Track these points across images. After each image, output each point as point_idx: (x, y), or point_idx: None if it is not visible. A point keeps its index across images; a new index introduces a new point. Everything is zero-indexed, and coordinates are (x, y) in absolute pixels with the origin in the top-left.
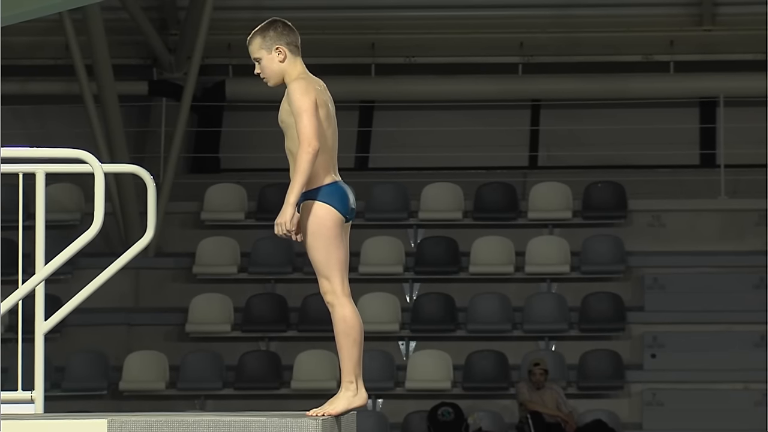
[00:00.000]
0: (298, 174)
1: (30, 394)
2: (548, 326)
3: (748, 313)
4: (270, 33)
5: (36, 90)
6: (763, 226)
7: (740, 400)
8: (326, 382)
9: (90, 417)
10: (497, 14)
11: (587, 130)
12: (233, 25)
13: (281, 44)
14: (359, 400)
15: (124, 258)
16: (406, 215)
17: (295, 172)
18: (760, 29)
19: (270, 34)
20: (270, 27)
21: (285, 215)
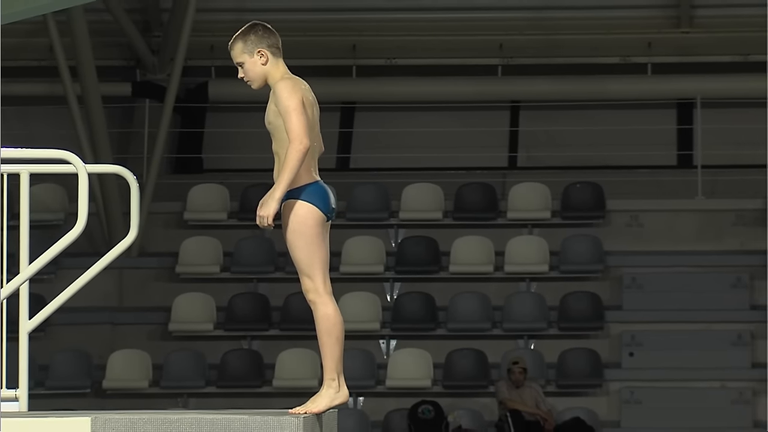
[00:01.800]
0: (287, 170)
1: (14, 392)
2: (527, 325)
3: (725, 312)
4: (251, 37)
5: (20, 91)
6: (741, 226)
7: (718, 398)
8: (308, 380)
9: (74, 415)
10: (477, 16)
11: (566, 131)
12: (216, 27)
13: (263, 47)
14: (341, 397)
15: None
16: (387, 215)
17: (284, 169)
18: (737, 31)
19: (251, 38)
20: (250, 31)
21: (269, 209)
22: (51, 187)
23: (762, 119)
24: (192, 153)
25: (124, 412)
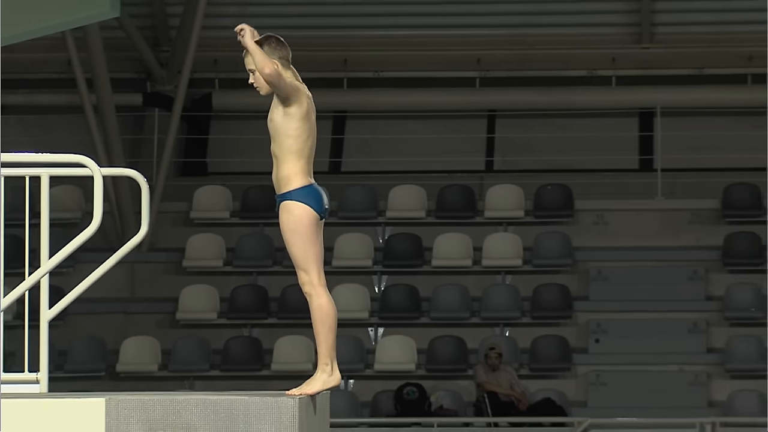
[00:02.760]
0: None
1: (35, 375)
2: (503, 314)
3: (682, 302)
4: (264, 47)
5: (41, 101)
6: (696, 224)
7: (675, 381)
8: (303, 364)
9: (90, 396)
10: (457, 33)
11: (538, 138)
12: (219, 42)
13: (274, 58)
14: (333, 380)
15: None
16: (375, 214)
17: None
18: (693, 47)
19: (264, 48)
20: (264, 42)
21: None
22: (69, 188)
23: (716, 127)
24: (197, 157)
25: (135, 394)
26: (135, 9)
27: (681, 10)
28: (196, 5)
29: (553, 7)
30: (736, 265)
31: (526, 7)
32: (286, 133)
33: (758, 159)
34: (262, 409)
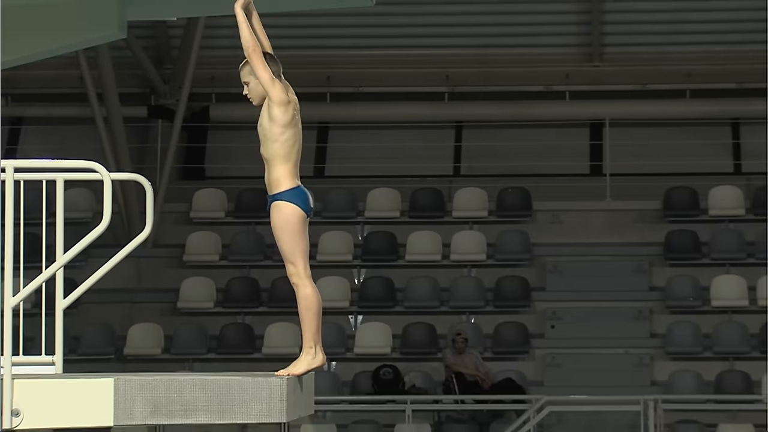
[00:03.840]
0: (244, 27)
1: (51, 358)
2: (469, 303)
3: (628, 292)
4: None
5: (57, 113)
6: (641, 222)
7: (622, 363)
8: (291, 348)
9: (100, 376)
10: (429, 53)
11: (500, 146)
12: (215, 61)
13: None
14: (317, 362)
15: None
16: (355, 214)
17: (244, 32)
18: (637, 65)
19: None
20: None
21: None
22: (81, 191)
23: (658, 136)
24: (196, 163)
25: (140, 374)
26: (140, 31)
27: (627, 32)
28: (195, 28)
29: (513, 29)
30: (676, 260)
31: (490, 30)
32: (271, 137)
33: (696, 165)
34: (254, 388)
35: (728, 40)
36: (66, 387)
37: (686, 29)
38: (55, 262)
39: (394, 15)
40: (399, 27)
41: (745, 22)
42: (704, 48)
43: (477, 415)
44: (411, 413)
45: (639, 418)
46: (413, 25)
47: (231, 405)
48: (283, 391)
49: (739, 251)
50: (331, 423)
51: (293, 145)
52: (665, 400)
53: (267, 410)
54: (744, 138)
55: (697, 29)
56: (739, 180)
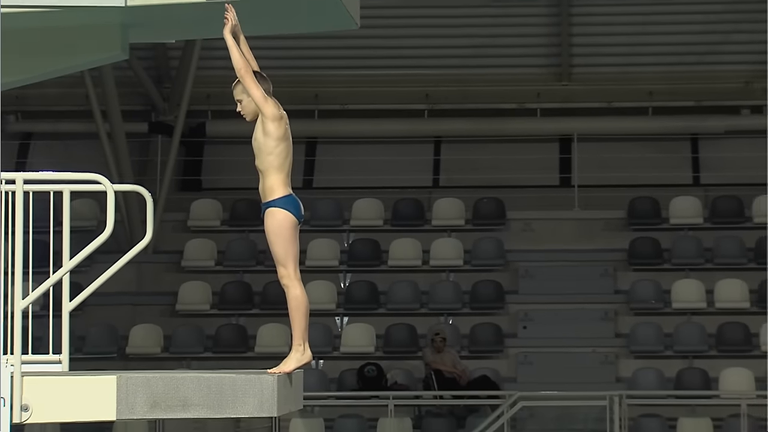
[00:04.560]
0: (235, 50)
1: (58, 356)
2: (447, 305)
3: (595, 295)
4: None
5: (63, 129)
6: (607, 230)
7: (589, 361)
8: (281, 347)
9: (103, 374)
10: (410, 73)
11: (476, 159)
12: (211, 80)
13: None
14: (306, 359)
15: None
16: (341, 223)
17: (234, 55)
18: (603, 84)
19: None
20: None
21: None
22: (86, 201)
23: (622, 150)
24: (193, 176)
25: (141, 372)
26: (141, 52)
27: (593, 54)
28: (192, 49)
29: (488, 51)
30: (639, 265)
31: (466, 51)
32: (266, 150)
33: (657, 177)
34: (247, 385)
35: (686, 61)
36: (72, 384)
37: (648, 51)
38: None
39: (378, 38)
40: (382, 49)
41: (702, 45)
42: (664, 68)
43: (454, 409)
44: (393, 408)
45: (605, 412)
46: (395, 47)
47: (226, 400)
48: (274, 387)
49: (697, 257)
50: (318, 417)
51: (286, 157)
52: (629, 395)
53: (259, 405)
54: (702, 152)
55: (657, 51)
56: (697, 191)
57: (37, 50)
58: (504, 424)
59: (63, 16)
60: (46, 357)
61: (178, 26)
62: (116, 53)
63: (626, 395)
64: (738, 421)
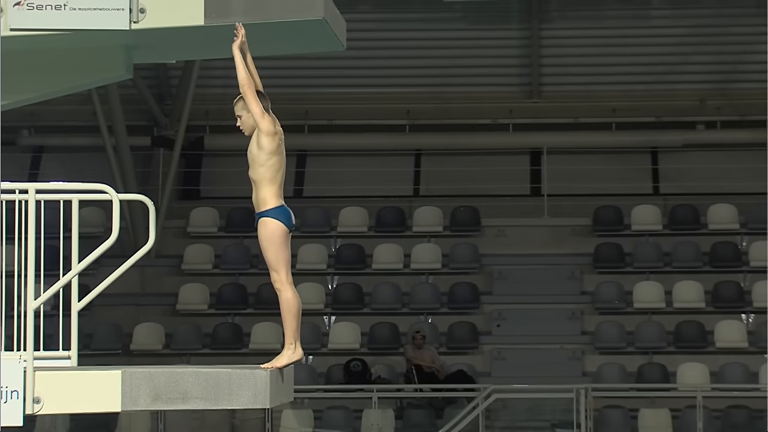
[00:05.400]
0: (241, 66)
1: (68, 353)
2: (426, 306)
3: (563, 296)
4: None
5: (73, 143)
6: (574, 236)
7: (558, 357)
8: (274, 344)
9: (109, 369)
10: (392, 91)
11: (453, 171)
12: (209, 97)
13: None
14: (297, 356)
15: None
16: (329, 229)
17: (239, 66)
18: (570, 102)
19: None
20: None
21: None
22: (94, 209)
23: (588, 163)
24: (193, 186)
25: (144, 367)
26: (144, 72)
27: (561, 74)
28: (192, 69)
29: (465, 71)
30: (604, 268)
31: (444, 71)
32: (259, 162)
33: (620, 187)
34: (242, 379)
35: (647, 80)
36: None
37: (611, 71)
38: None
39: (363, 58)
40: (366, 69)
41: (661, 65)
42: (627, 87)
43: (433, 401)
44: (377, 400)
45: (572, 403)
46: (379, 67)
47: (222, 393)
48: (267, 381)
49: (657, 261)
50: (308, 409)
51: (278, 170)
52: (594, 388)
53: (253, 398)
54: (661, 164)
55: (620, 71)
56: (657, 200)
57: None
58: (479, 415)
59: (72, 38)
60: (56, 353)
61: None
62: (121, 73)
63: (591, 388)
64: (694, 411)
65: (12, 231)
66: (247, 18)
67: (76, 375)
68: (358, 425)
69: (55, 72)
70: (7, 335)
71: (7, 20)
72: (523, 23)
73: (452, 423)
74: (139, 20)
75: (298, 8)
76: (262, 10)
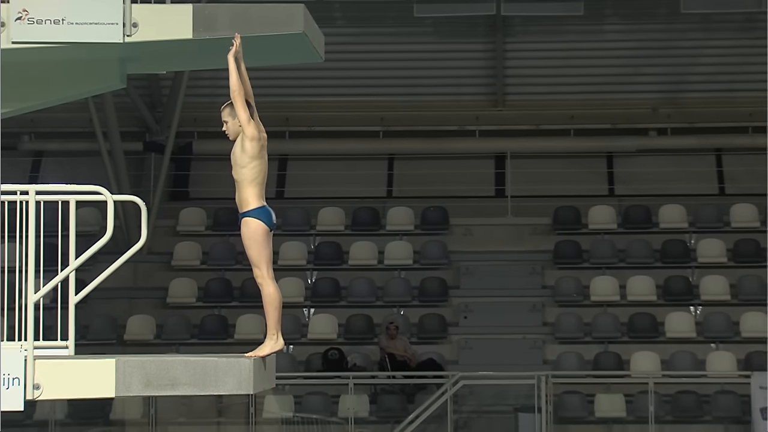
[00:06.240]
0: (234, 73)
1: (66, 343)
2: (399, 299)
3: (525, 290)
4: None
5: (71, 148)
6: (535, 234)
7: (520, 346)
8: (257, 335)
9: (104, 358)
10: (368, 99)
11: (424, 174)
12: (197, 106)
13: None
14: (278, 345)
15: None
16: (308, 228)
17: (231, 70)
18: (532, 110)
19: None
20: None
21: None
22: (90, 209)
23: (549, 166)
24: (182, 187)
25: (137, 356)
26: (137, 82)
27: (524, 84)
28: (181, 79)
29: (434, 81)
30: (563, 264)
31: (416, 81)
32: (241, 164)
33: (578, 189)
34: (228, 367)
35: (603, 90)
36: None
37: (570, 81)
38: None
39: (340, 69)
40: (344, 79)
41: (616, 76)
42: (584, 96)
43: (405, 387)
44: (353, 386)
45: (533, 389)
46: (355, 77)
47: (209, 380)
48: (250, 369)
49: (612, 257)
50: (289, 394)
51: (259, 173)
52: (554, 375)
53: (238, 384)
54: (616, 168)
55: (578, 82)
56: (612, 201)
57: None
58: (447, 400)
59: (70, 51)
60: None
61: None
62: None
63: (551, 375)
64: (646, 396)
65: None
66: (232, 32)
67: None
68: (335, 409)
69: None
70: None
71: (9, 34)
72: (488, 37)
73: (422, 407)
74: (131, 34)
75: (279, 23)
76: (247, 24)
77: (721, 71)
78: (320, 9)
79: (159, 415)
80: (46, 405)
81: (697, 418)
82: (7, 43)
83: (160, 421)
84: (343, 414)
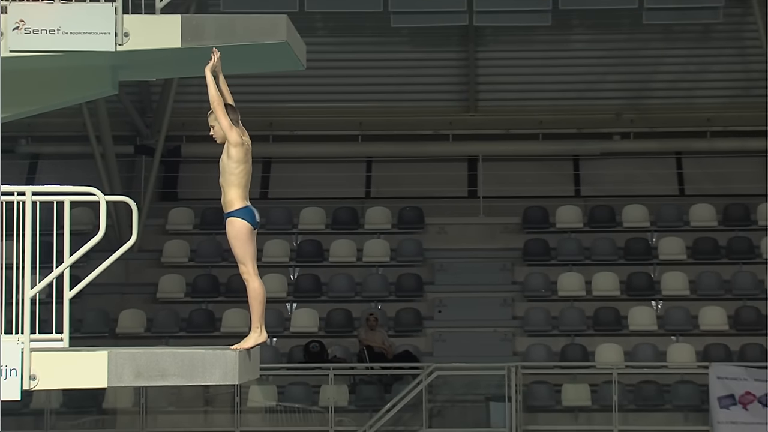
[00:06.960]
0: (211, 86)
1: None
2: (377, 294)
3: (496, 285)
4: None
5: (65, 151)
6: (506, 233)
7: (491, 338)
8: (242, 328)
9: (97, 350)
10: (347, 105)
11: (401, 176)
12: (186, 111)
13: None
14: (262, 338)
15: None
16: (291, 227)
17: (211, 90)
18: (502, 115)
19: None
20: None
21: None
22: (84, 209)
23: (518, 169)
24: (171, 188)
25: (128, 348)
26: (128, 88)
27: (495, 90)
28: (170, 86)
29: (410, 88)
30: (532, 261)
31: (392, 88)
32: (229, 171)
33: (546, 190)
34: (214, 358)
35: (569, 96)
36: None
37: (539, 89)
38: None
39: (321, 76)
40: (324, 85)
41: (582, 83)
42: (552, 102)
43: (383, 378)
44: (333, 377)
45: (504, 380)
46: (335, 84)
47: (197, 371)
48: (236, 360)
49: (578, 255)
50: (272, 384)
51: (245, 176)
52: (523, 366)
53: (224, 375)
54: (582, 170)
55: (546, 88)
56: (578, 201)
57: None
58: (422, 390)
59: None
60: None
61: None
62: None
63: (521, 366)
64: (610, 386)
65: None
66: (218, 41)
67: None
68: (316, 399)
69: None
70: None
71: (7, 43)
72: (461, 46)
73: (399, 397)
74: (123, 43)
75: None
76: (232, 34)
77: (681, 79)
78: (302, 19)
79: (149, 404)
80: (41, 395)
81: (659, 406)
82: (5, 51)
83: (150, 410)
84: (323, 403)
